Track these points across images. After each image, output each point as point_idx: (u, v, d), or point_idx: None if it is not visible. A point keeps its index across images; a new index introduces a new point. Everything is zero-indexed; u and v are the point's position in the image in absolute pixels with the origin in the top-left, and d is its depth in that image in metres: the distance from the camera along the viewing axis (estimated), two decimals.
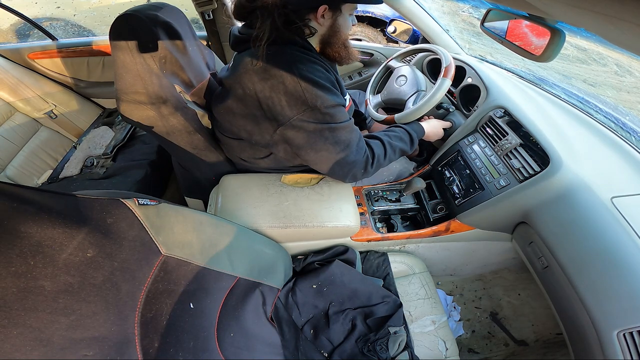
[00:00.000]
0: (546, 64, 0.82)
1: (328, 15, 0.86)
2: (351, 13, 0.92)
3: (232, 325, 0.73)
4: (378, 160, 1.00)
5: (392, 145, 1.05)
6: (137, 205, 0.66)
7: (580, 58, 2.38)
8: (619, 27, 0.37)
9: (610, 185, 0.89)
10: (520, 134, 1.05)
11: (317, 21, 0.86)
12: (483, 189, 1.06)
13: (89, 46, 1.84)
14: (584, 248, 0.83)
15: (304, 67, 0.83)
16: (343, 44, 0.94)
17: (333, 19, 0.88)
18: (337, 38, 0.92)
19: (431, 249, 1.24)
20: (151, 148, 1.69)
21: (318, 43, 0.93)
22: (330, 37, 0.91)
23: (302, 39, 0.89)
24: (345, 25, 0.91)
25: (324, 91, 0.84)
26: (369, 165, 0.98)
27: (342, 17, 0.89)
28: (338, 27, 0.90)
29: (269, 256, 0.94)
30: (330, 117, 0.87)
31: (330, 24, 0.89)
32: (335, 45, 0.93)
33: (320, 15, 0.85)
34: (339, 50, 0.94)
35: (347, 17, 0.90)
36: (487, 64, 1.40)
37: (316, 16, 0.85)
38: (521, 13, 0.85)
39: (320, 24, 0.87)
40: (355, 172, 0.98)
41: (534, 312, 1.43)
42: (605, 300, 0.76)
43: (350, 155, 0.93)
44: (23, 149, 1.77)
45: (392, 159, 1.06)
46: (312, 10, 0.84)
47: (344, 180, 1.02)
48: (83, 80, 1.95)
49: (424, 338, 1.02)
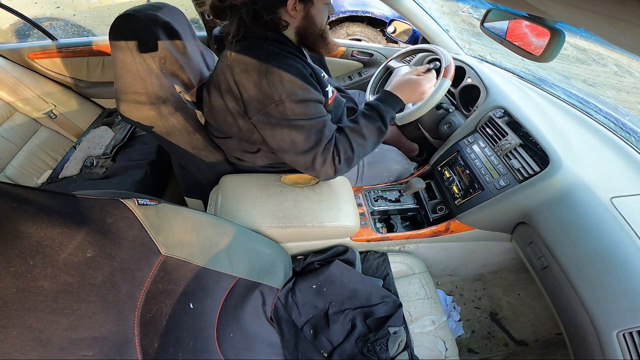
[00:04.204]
0: (546, 64, 0.82)
1: (299, 7, 0.86)
2: (327, 2, 0.91)
3: (231, 326, 0.72)
4: (346, 154, 0.93)
5: (361, 132, 0.96)
6: (137, 205, 0.66)
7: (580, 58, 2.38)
8: (618, 27, 0.37)
9: (610, 185, 0.89)
10: (520, 134, 1.05)
11: (289, 14, 0.87)
12: (483, 189, 1.06)
13: (89, 46, 1.84)
14: (583, 248, 0.83)
15: (273, 62, 0.84)
16: (320, 35, 0.93)
17: (305, 11, 0.88)
18: (312, 29, 0.92)
19: (431, 249, 1.24)
20: (151, 148, 1.68)
21: (294, 35, 0.93)
22: (305, 29, 0.92)
23: (275, 32, 0.90)
24: (319, 16, 0.91)
25: (292, 86, 0.84)
26: (336, 162, 0.92)
27: (314, 9, 0.89)
28: (312, 19, 0.90)
29: (269, 256, 0.94)
30: (295, 112, 0.86)
31: (303, 16, 0.89)
32: (312, 37, 0.93)
33: (291, 8, 0.85)
34: (315, 41, 0.94)
35: (321, 7, 0.90)
36: (487, 64, 1.40)
37: (287, 9, 0.86)
38: (521, 13, 0.85)
39: (293, 16, 0.88)
40: (325, 170, 0.92)
41: (533, 312, 1.43)
42: (604, 301, 0.76)
43: (317, 152, 0.90)
44: (23, 149, 1.76)
45: (368, 145, 0.97)
46: (283, 4, 0.85)
47: (316, 177, 0.99)
48: (83, 80, 1.95)
49: (423, 338, 1.02)
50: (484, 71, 1.29)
